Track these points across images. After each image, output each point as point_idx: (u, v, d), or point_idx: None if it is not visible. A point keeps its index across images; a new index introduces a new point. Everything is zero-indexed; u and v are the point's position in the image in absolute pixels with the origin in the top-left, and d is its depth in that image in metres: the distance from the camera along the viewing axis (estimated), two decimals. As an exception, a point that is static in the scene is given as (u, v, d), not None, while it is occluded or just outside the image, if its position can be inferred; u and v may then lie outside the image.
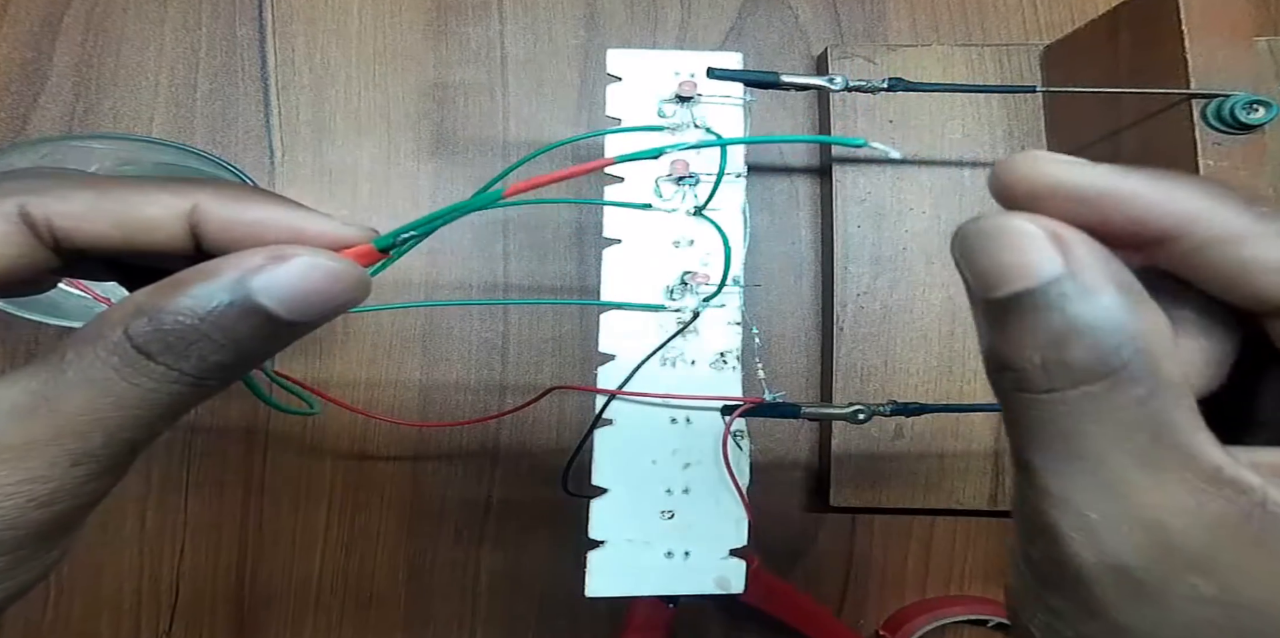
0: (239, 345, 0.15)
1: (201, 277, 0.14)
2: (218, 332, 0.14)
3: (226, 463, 0.43)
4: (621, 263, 0.34)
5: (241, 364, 0.15)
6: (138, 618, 0.42)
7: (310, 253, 0.15)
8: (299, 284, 0.15)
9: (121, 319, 0.14)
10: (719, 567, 0.33)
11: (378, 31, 0.45)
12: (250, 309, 0.14)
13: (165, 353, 0.14)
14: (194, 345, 0.14)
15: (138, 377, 0.14)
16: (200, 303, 0.14)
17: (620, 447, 0.33)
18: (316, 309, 0.15)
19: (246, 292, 0.14)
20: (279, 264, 0.14)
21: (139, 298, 0.14)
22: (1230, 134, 0.32)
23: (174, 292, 0.14)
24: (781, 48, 0.46)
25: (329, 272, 0.15)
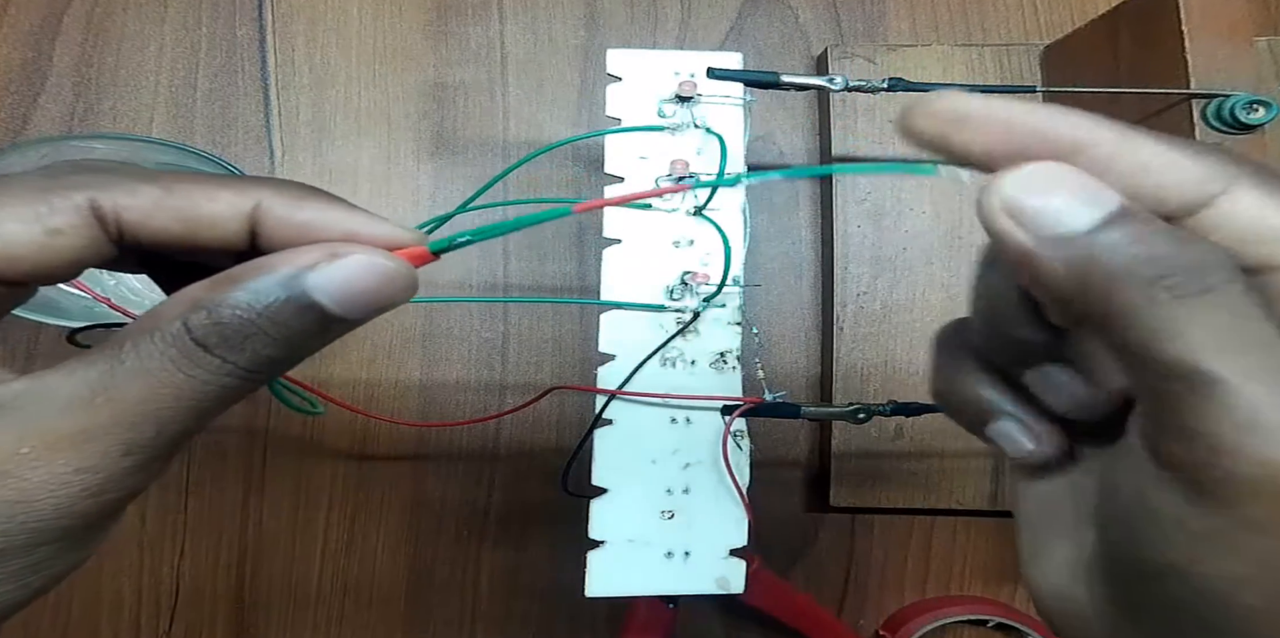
0: (291, 340, 0.15)
1: (258, 272, 0.15)
2: (272, 326, 0.15)
3: (226, 463, 0.43)
4: (621, 263, 0.34)
5: (291, 358, 0.15)
6: (138, 618, 0.42)
7: (365, 252, 0.15)
8: (353, 282, 0.15)
9: (180, 312, 0.14)
10: (719, 567, 0.33)
11: (378, 31, 0.45)
12: (305, 305, 0.15)
13: (221, 345, 0.14)
14: (249, 339, 0.14)
15: (194, 368, 0.14)
16: (257, 297, 0.14)
17: (620, 447, 0.33)
18: (367, 307, 0.15)
19: (302, 288, 0.15)
20: (334, 261, 0.15)
21: (196, 292, 0.15)
22: (1230, 134, 0.32)
23: (231, 286, 0.15)
24: (781, 48, 0.46)
25: (383, 271, 0.15)
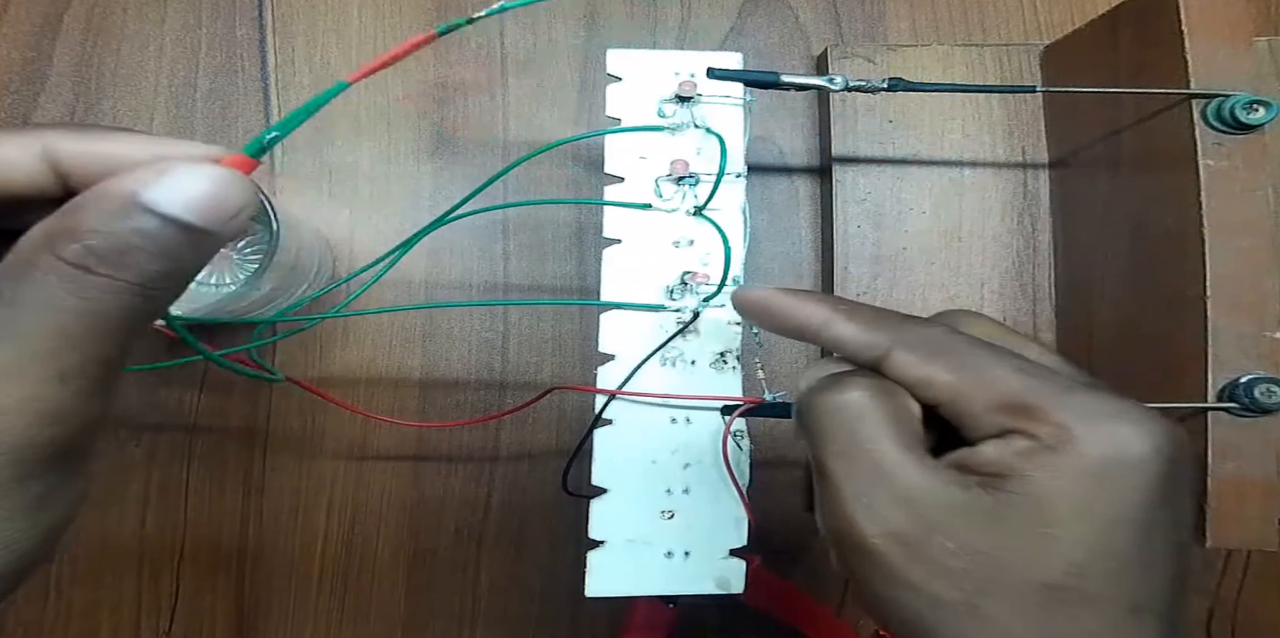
0: (171, 254, 0.15)
1: (100, 196, 0.15)
2: (144, 240, 0.15)
3: (226, 463, 0.43)
4: (621, 263, 0.34)
5: (182, 271, 0.16)
6: (138, 618, 0.42)
7: (192, 164, 0.16)
8: (195, 191, 0.16)
9: (38, 247, 0.15)
10: (719, 567, 0.33)
11: (378, 31, 0.45)
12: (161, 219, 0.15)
13: (101, 265, 0.15)
14: (126, 256, 0.15)
15: (87, 291, 0.15)
16: (111, 217, 0.15)
17: (620, 447, 0.33)
18: (219, 212, 0.16)
19: (151, 203, 0.15)
20: (164, 175, 0.15)
21: (45, 225, 0.15)
22: (1230, 134, 0.32)
23: (80, 212, 0.15)
24: (781, 48, 0.46)
25: (212, 175, 0.16)
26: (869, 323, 0.23)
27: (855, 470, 0.21)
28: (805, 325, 0.24)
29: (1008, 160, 0.43)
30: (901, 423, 0.22)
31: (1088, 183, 0.40)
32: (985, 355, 0.22)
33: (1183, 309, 0.32)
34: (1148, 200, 0.35)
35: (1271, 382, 0.31)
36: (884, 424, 0.21)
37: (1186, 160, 0.32)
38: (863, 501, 0.21)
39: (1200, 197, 0.32)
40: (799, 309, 0.24)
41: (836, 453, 0.22)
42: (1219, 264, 0.31)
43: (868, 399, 0.22)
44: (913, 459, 0.21)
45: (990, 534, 0.20)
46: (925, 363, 0.22)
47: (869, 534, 0.21)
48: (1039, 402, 0.20)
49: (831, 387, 0.22)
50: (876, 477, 0.21)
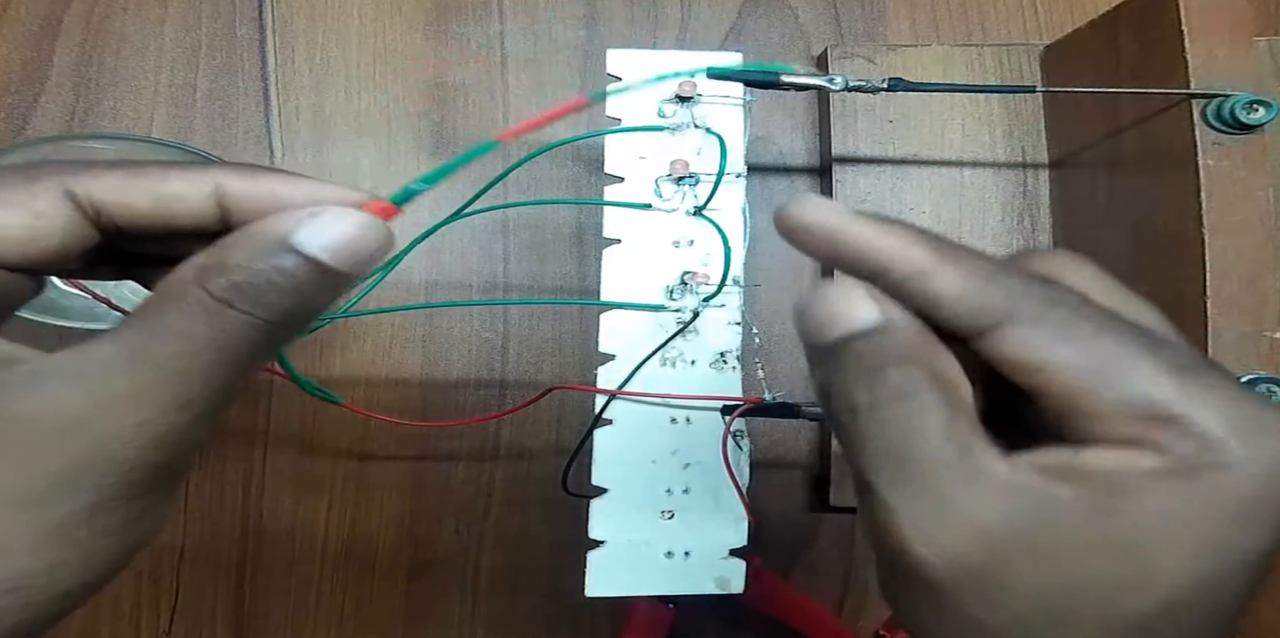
0: (302, 292, 0.16)
1: (252, 234, 0.16)
2: (281, 279, 0.16)
3: (226, 463, 0.43)
4: (621, 263, 0.34)
5: (307, 310, 0.17)
6: (138, 618, 0.42)
7: (340, 209, 0.17)
8: (337, 234, 0.17)
9: (190, 279, 0.16)
10: (719, 567, 0.33)
11: (378, 31, 0.45)
12: (303, 260, 0.16)
13: (241, 300, 0.16)
14: (264, 293, 0.16)
15: (221, 324, 0.16)
16: (258, 256, 0.16)
17: (620, 447, 0.33)
18: (355, 257, 0.17)
19: (295, 243, 0.16)
20: (316, 218, 0.17)
21: (199, 260, 0.16)
22: (1230, 134, 0.32)
23: (232, 249, 0.16)
24: (781, 48, 0.46)
25: (359, 222, 0.17)
26: (983, 278, 0.17)
27: (908, 489, 0.17)
28: (887, 269, 0.17)
29: (1008, 160, 0.43)
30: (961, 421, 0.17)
31: (1088, 183, 0.40)
32: (1133, 343, 0.16)
33: (1183, 309, 0.32)
34: (1148, 200, 0.35)
35: (1271, 382, 0.31)
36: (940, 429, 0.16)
37: (1186, 160, 0.32)
38: (922, 525, 0.16)
39: (1200, 197, 0.32)
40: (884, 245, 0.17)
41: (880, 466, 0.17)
42: (1219, 264, 0.31)
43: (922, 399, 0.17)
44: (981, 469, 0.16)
45: (1082, 564, 0.16)
46: (1050, 346, 0.16)
47: (933, 567, 0.16)
48: (1188, 410, 0.16)
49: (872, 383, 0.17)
50: (937, 498, 0.16)
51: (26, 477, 0.15)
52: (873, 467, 0.17)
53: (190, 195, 0.17)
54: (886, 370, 0.17)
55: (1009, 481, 0.16)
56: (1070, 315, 0.17)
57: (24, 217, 0.16)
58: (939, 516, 0.16)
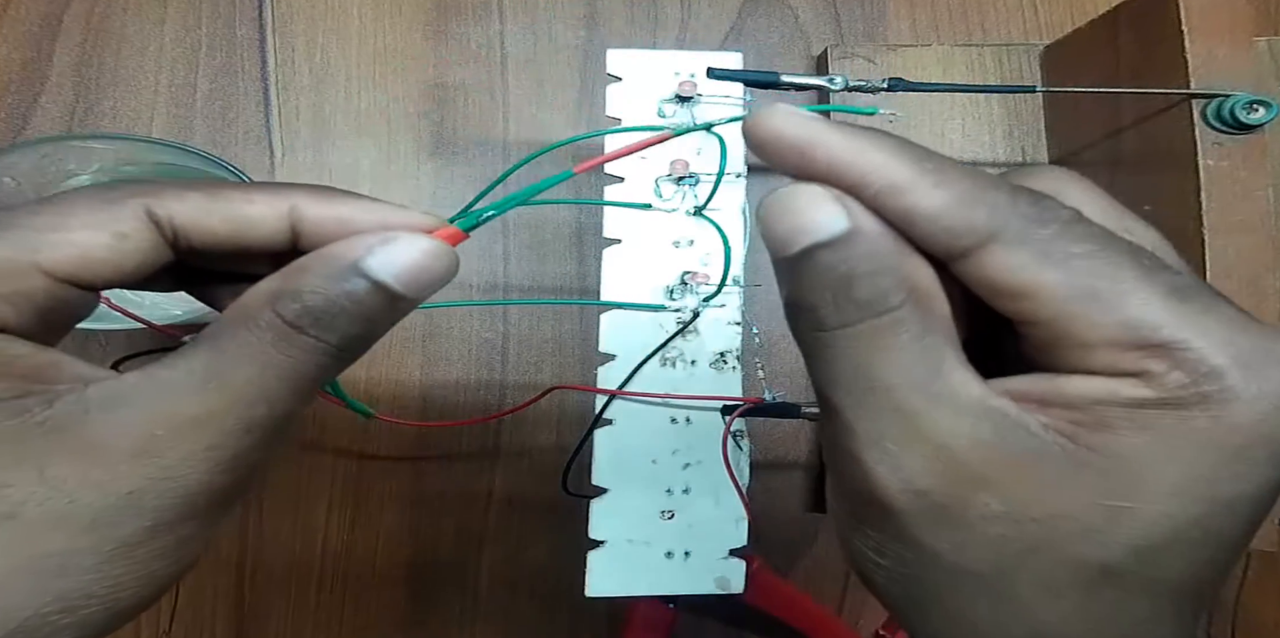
0: (369, 318, 0.17)
1: (325, 260, 0.17)
2: (352, 305, 0.16)
3: (226, 463, 0.43)
4: (621, 263, 0.34)
5: (371, 335, 0.17)
6: (138, 618, 0.42)
7: (412, 234, 0.17)
8: (407, 261, 0.17)
9: (264, 302, 0.16)
10: (719, 567, 0.33)
11: (378, 31, 0.45)
12: (374, 285, 0.16)
13: (313, 326, 0.16)
14: (335, 319, 0.16)
15: (291, 349, 0.16)
16: (332, 282, 0.16)
17: (620, 447, 0.33)
18: (423, 283, 0.17)
19: (368, 270, 0.16)
20: (388, 245, 0.17)
21: (273, 284, 0.16)
22: (1230, 134, 0.32)
23: (306, 274, 0.16)
24: (781, 48, 0.46)
25: (429, 249, 0.17)
26: (966, 195, 0.15)
27: (873, 410, 0.16)
28: (863, 183, 0.15)
29: (1008, 160, 0.43)
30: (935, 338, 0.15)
31: (1088, 183, 0.40)
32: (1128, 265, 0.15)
33: (1183, 309, 0.32)
34: (1148, 200, 0.35)
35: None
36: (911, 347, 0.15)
37: (1186, 160, 0.32)
38: (885, 448, 0.16)
39: (1200, 197, 0.32)
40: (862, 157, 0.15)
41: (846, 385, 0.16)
42: (1219, 264, 0.31)
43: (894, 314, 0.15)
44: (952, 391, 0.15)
45: (1052, 498, 0.15)
46: (1038, 268, 0.15)
47: (890, 490, 0.16)
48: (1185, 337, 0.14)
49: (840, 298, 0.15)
50: (902, 418, 0.15)
51: (96, 499, 0.15)
52: (837, 385, 0.16)
53: (267, 221, 0.17)
54: (855, 282, 0.15)
55: (982, 404, 0.15)
56: (1061, 235, 0.15)
57: (108, 238, 0.17)
58: (903, 438, 0.15)
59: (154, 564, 0.16)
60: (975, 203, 0.15)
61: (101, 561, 0.16)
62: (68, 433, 0.15)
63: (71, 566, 0.15)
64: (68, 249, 0.16)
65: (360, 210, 0.18)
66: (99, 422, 0.15)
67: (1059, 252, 0.15)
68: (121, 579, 0.16)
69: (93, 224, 0.17)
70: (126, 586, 0.16)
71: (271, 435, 0.17)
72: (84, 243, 0.16)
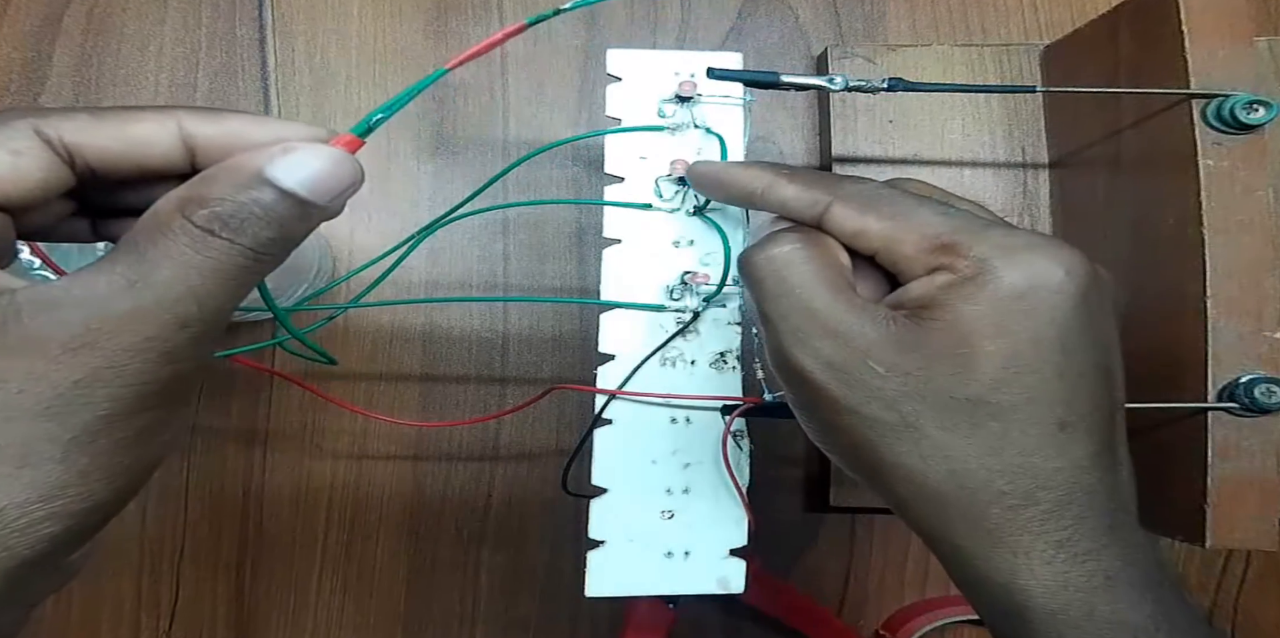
0: (281, 222, 0.18)
1: (230, 169, 0.18)
2: (260, 210, 0.17)
3: (226, 463, 0.43)
4: (621, 263, 0.34)
5: (287, 240, 0.18)
6: (138, 618, 0.42)
7: (311, 145, 0.18)
8: (310, 167, 0.18)
9: (174, 209, 0.17)
10: (719, 567, 0.33)
11: (378, 31, 0.45)
12: (280, 191, 0.17)
13: (224, 230, 0.17)
14: (245, 223, 0.17)
15: (208, 250, 0.17)
16: (237, 189, 0.17)
17: (620, 447, 0.33)
18: (329, 188, 0.18)
19: (273, 178, 0.17)
20: (290, 154, 0.18)
21: (180, 192, 0.17)
22: (1230, 134, 0.32)
23: (212, 183, 0.17)
24: (781, 48, 0.46)
25: (330, 155, 0.18)
26: (809, 183, 0.25)
27: (789, 312, 0.23)
28: (751, 190, 0.26)
29: (1008, 160, 0.43)
30: (830, 269, 0.24)
31: (1088, 183, 0.40)
32: (913, 203, 0.23)
33: (1183, 309, 0.32)
34: (1148, 200, 0.35)
35: (1271, 382, 0.31)
36: (812, 270, 0.23)
37: (1186, 160, 0.32)
38: (798, 336, 0.23)
39: (1200, 197, 0.32)
40: (745, 175, 0.26)
41: (772, 298, 0.24)
42: (1219, 264, 0.31)
43: (797, 249, 0.24)
44: (841, 299, 0.23)
45: (916, 357, 0.22)
46: (860, 214, 0.24)
47: (806, 366, 0.23)
48: (960, 238, 0.22)
49: (765, 242, 0.24)
50: (808, 315, 0.23)
51: (45, 389, 0.16)
52: (766, 296, 0.24)
53: (156, 136, 0.18)
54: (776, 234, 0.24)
55: (861, 306, 0.23)
56: (877, 192, 0.24)
57: (3, 155, 0.17)
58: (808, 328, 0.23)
59: (119, 455, 0.17)
60: (813, 186, 0.25)
61: (64, 450, 0.16)
62: (7, 330, 0.16)
63: (34, 454, 0.16)
64: None
65: (250, 124, 0.19)
66: (35, 320, 0.16)
67: (872, 204, 0.24)
68: (88, 470, 0.17)
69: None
70: (95, 476, 0.17)
71: (207, 331, 0.17)
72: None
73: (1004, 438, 0.22)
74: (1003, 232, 0.22)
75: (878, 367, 0.22)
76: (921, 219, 0.23)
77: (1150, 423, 0.34)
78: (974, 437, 0.22)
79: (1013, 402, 0.21)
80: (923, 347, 0.22)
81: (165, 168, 0.19)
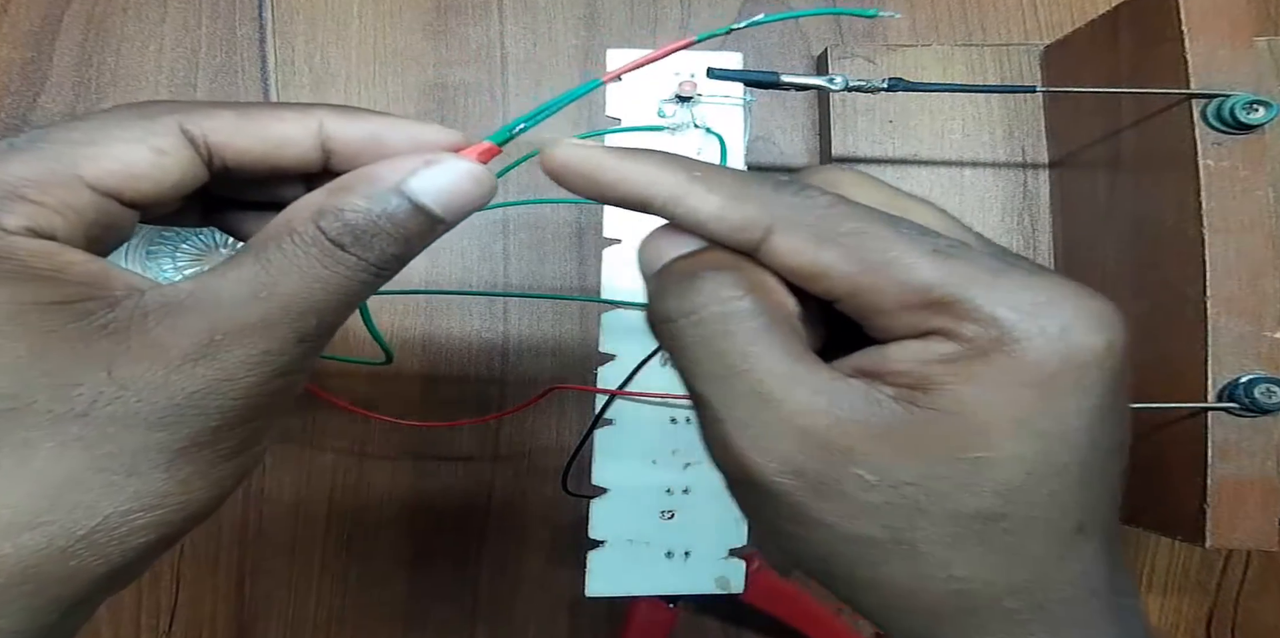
0: (408, 239, 0.17)
1: (368, 180, 0.17)
2: (392, 226, 0.17)
3: (226, 463, 0.43)
4: (621, 263, 0.34)
5: (407, 256, 0.17)
6: (138, 618, 0.42)
7: (453, 157, 0.18)
8: (449, 184, 0.17)
9: (308, 217, 0.16)
10: (719, 567, 0.33)
11: (378, 31, 0.45)
12: (415, 207, 0.17)
13: (355, 244, 0.16)
14: (375, 238, 0.17)
15: (335, 265, 0.16)
16: (374, 202, 0.17)
17: (620, 447, 0.33)
18: (462, 206, 0.18)
19: (411, 191, 0.17)
20: (430, 167, 0.17)
21: (317, 200, 0.17)
22: (1230, 134, 0.32)
23: (349, 193, 0.17)
24: (781, 48, 0.46)
25: (470, 172, 0.18)
26: (736, 194, 0.17)
27: (736, 400, 0.17)
28: (648, 198, 0.18)
29: (1008, 160, 0.43)
30: (782, 329, 0.17)
31: (1088, 183, 0.40)
32: (890, 236, 0.17)
33: (1183, 309, 0.32)
34: (1148, 200, 0.35)
35: (1271, 382, 0.31)
36: (759, 335, 0.17)
37: (1186, 160, 0.32)
38: (751, 432, 0.17)
39: (1200, 196, 0.32)
40: (638, 176, 0.18)
41: (710, 379, 0.17)
42: (1219, 264, 0.31)
43: (734, 302, 0.17)
44: (805, 377, 0.17)
45: (913, 462, 0.16)
46: (817, 249, 0.17)
47: (765, 472, 0.17)
48: (962, 293, 0.16)
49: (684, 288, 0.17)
50: (764, 404, 0.17)
51: (162, 399, 0.16)
52: (699, 376, 0.17)
53: (297, 136, 0.18)
54: (700, 276, 0.17)
55: (832, 383, 0.17)
56: (826, 217, 0.17)
57: (147, 153, 0.17)
58: (768, 421, 0.17)
59: (219, 465, 0.17)
60: (744, 199, 0.17)
61: (170, 459, 0.16)
62: (131, 335, 0.16)
63: (143, 464, 0.16)
64: (109, 163, 0.16)
65: (388, 126, 0.18)
66: (160, 325, 0.16)
67: (829, 232, 0.17)
68: (189, 479, 0.17)
69: (131, 139, 0.17)
70: (196, 486, 0.17)
71: (320, 344, 0.17)
72: (124, 157, 0.17)
73: (1017, 553, 0.17)
74: (1018, 280, 0.16)
75: (866, 475, 0.16)
76: (904, 262, 0.16)
77: (1150, 423, 0.34)
78: (981, 552, 0.17)
79: (1031, 513, 0.17)
80: (921, 447, 0.16)
81: (299, 168, 0.18)
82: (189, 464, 0.16)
